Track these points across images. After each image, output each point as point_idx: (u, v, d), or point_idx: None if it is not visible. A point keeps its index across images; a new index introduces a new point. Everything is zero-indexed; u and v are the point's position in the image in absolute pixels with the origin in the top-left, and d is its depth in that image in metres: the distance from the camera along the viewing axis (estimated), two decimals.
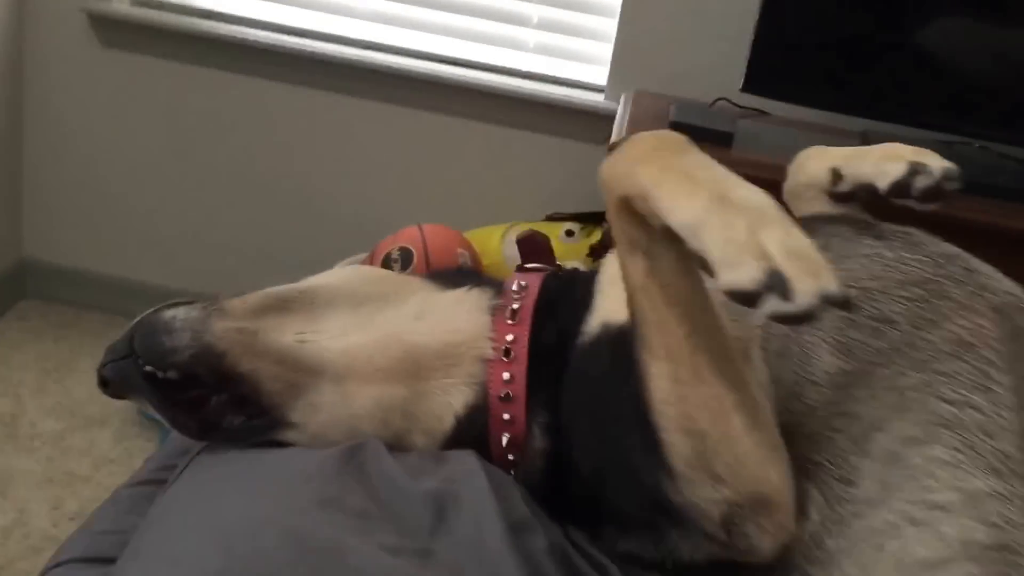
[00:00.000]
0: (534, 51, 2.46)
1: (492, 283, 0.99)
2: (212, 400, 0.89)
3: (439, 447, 0.92)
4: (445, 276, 1.01)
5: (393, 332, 0.92)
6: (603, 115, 2.39)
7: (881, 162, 0.95)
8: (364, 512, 0.81)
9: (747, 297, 0.60)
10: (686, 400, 0.73)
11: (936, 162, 0.91)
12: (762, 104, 2.06)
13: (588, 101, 2.39)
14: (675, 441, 0.74)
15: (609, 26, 2.38)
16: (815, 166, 1.04)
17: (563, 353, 0.89)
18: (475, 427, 0.90)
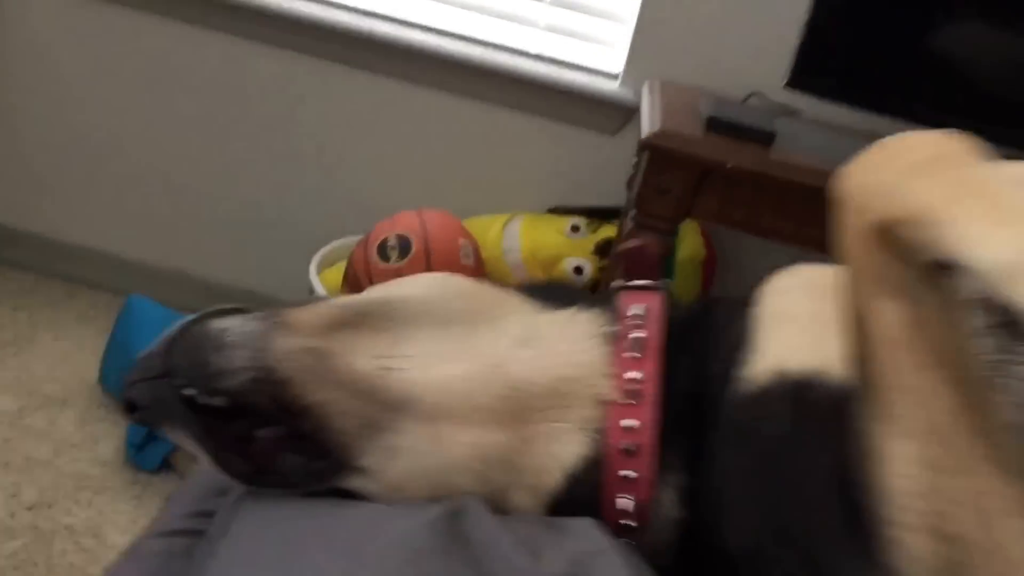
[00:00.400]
0: (545, 30, 2.32)
1: (601, 303, 0.82)
2: (264, 435, 0.73)
3: (543, 509, 0.76)
4: (544, 291, 0.84)
5: (495, 362, 0.75)
6: (616, 104, 2.26)
7: None
8: None
9: None
10: (942, 493, 0.57)
11: None
12: (795, 101, 1.94)
13: (601, 88, 2.25)
14: (917, 545, 0.58)
15: (628, 9, 2.25)
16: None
17: (704, 399, 0.73)
18: (587, 485, 0.74)
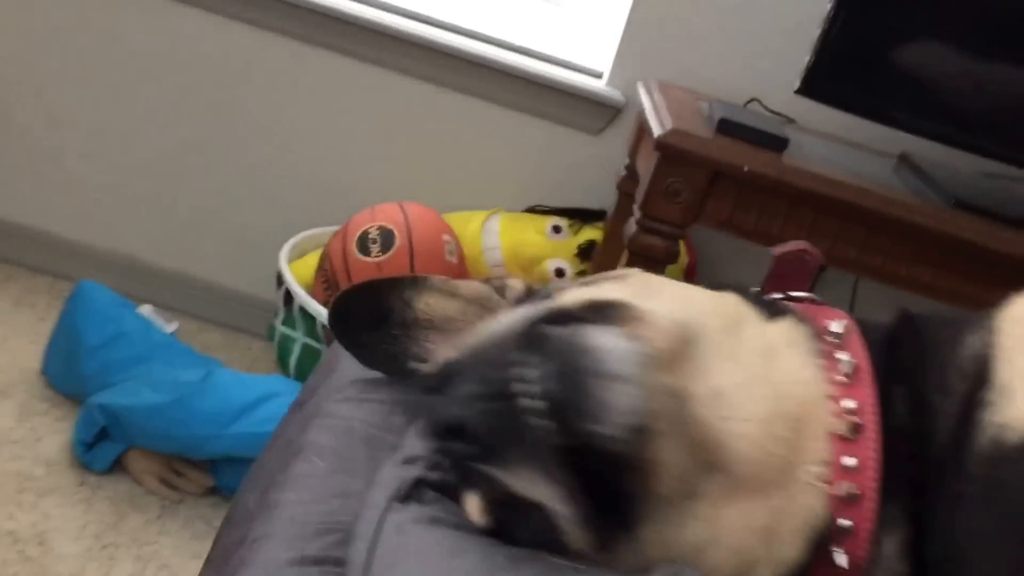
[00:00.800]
0: (530, 23, 2.25)
1: (797, 315, 0.68)
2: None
3: None
4: (747, 291, 0.71)
5: (790, 403, 0.60)
6: (600, 103, 2.19)
7: None
8: None
9: None
10: None
11: None
12: (796, 110, 1.91)
13: (585, 86, 2.18)
14: None
15: (616, 6, 2.18)
16: None
17: (925, 436, 0.62)
18: (820, 548, 0.59)
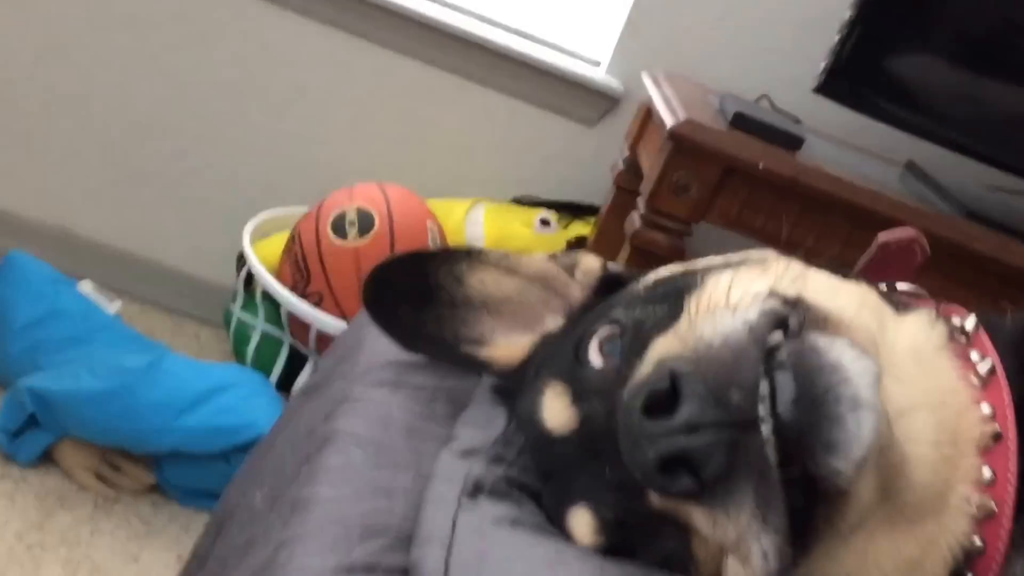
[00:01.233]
0: (525, 4, 2.11)
1: (927, 308, 0.61)
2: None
3: None
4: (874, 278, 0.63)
5: (949, 417, 0.53)
6: (597, 93, 2.07)
7: None
8: None
9: None
10: None
11: None
12: (805, 111, 1.80)
13: (582, 74, 2.06)
14: None
15: None
16: None
17: None
18: None
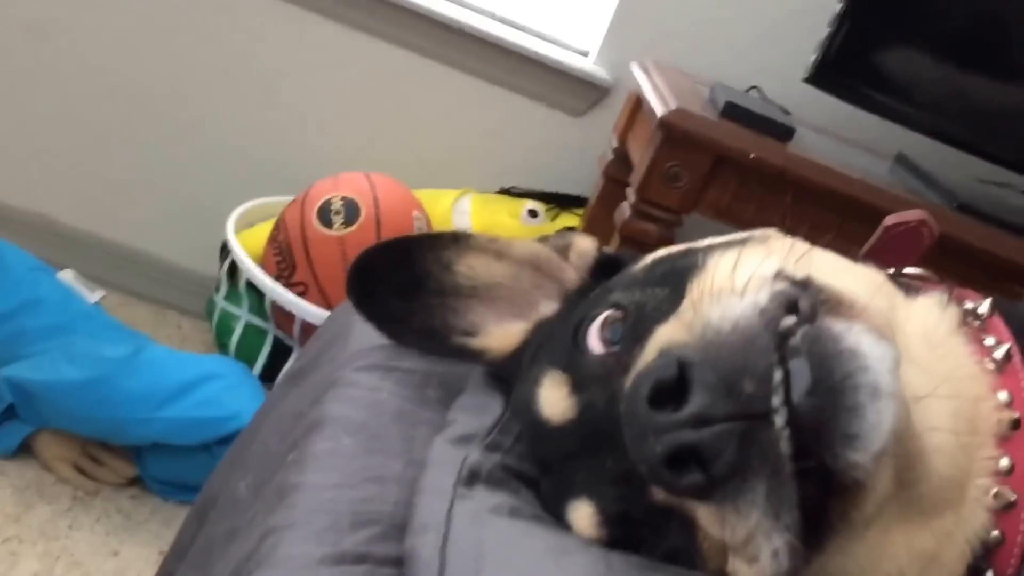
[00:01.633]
0: None
1: (937, 291, 0.59)
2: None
3: None
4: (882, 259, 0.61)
5: (966, 405, 0.52)
6: (586, 83, 2.05)
7: None
8: None
9: None
10: None
11: None
12: (794, 102, 1.79)
13: (570, 64, 2.04)
14: None
15: None
16: None
17: None
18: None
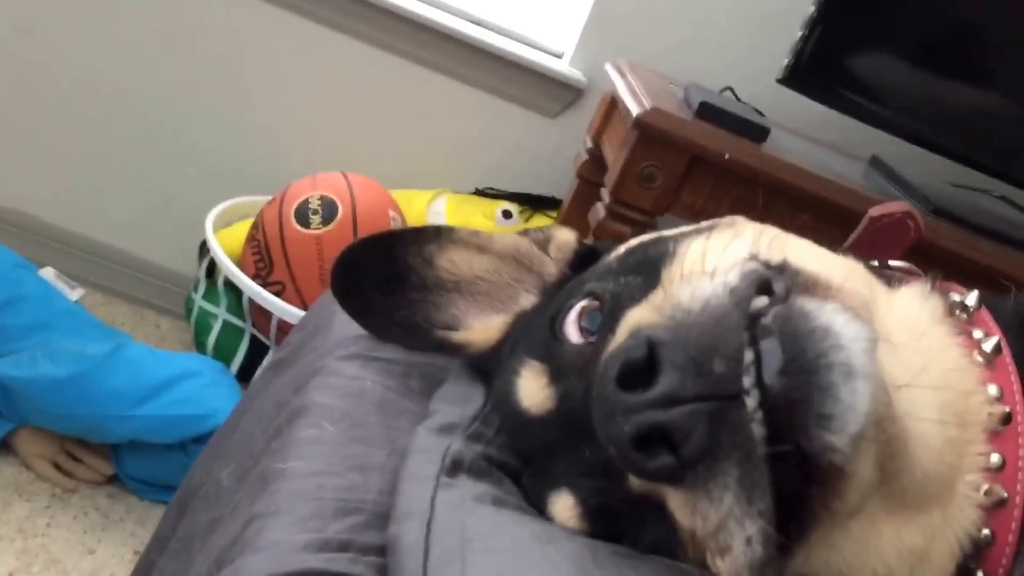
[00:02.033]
0: None
1: (920, 282, 0.59)
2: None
3: None
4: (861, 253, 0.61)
5: (954, 397, 0.51)
6: (560, 84, 2.06)
7: None
8: None
9: None
10: None
11: None
12: (767, 104, 1.82)
13: (544, 65, 2.05)
14: None
15: None
16: None
17: None
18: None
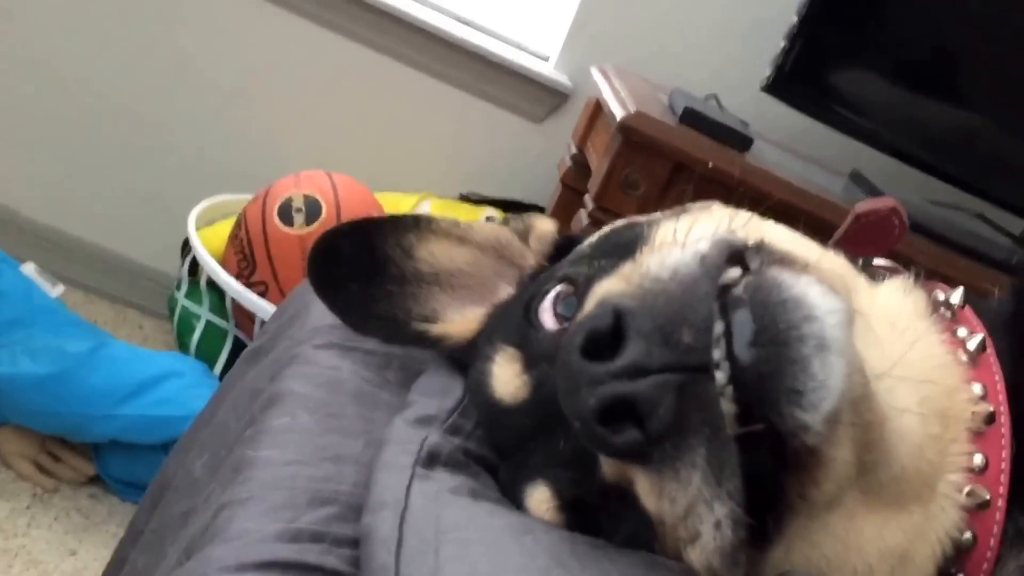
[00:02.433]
0: None
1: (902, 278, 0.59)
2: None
3: None
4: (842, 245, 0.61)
5: (936, 392, 0.50)
6: (545, 88, 2.05)
7: None
8: None
9: None
10: None
11: None
12: (751, 115, 1.82)
13: (530, 68, 2.04)
14: None
15: None
16: None
17: None
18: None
